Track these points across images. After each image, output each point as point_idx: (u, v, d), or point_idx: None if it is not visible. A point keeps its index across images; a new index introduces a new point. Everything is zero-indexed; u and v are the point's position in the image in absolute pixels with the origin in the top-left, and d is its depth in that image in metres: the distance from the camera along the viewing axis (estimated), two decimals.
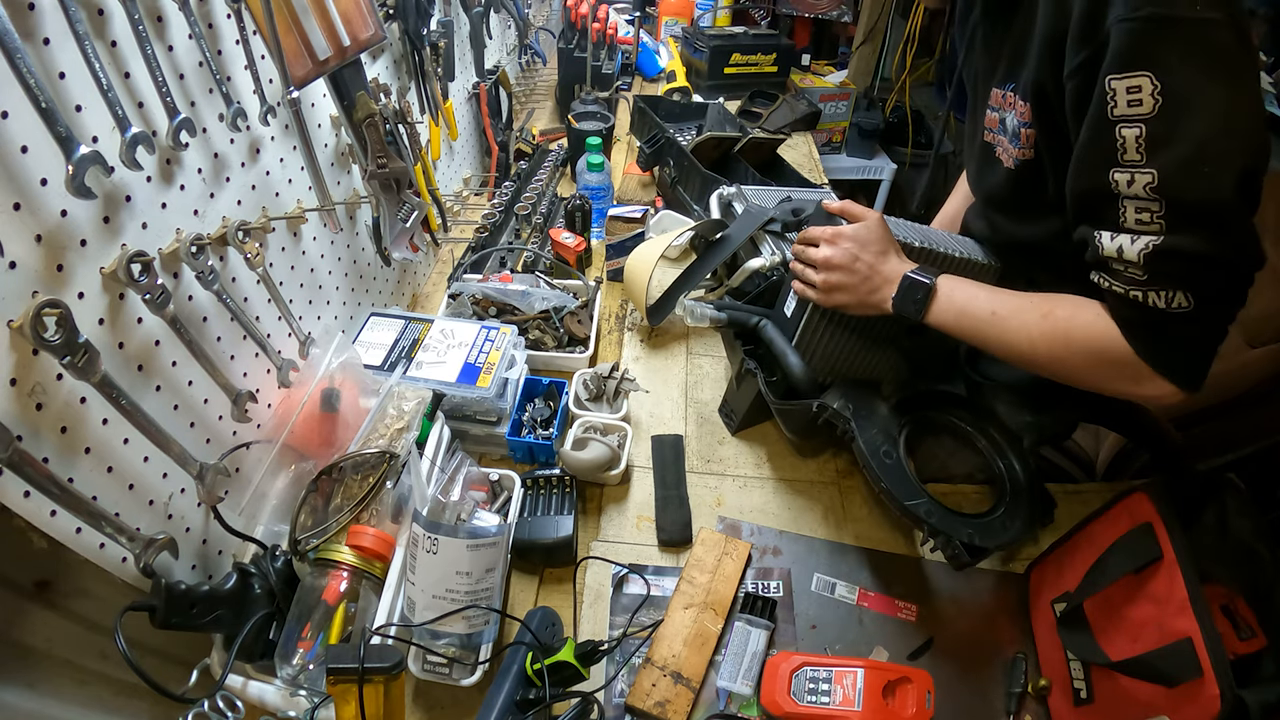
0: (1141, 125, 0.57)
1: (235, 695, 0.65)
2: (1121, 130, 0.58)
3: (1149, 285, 0.61)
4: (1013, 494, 0.85)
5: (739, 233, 1.11)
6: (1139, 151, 0.58)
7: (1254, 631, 0.66)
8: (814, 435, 1.00)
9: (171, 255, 0.64)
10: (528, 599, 0.85)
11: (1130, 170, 0.58)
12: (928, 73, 3.24)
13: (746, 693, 0.76)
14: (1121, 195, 0.60)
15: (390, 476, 0.80)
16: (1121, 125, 0.58)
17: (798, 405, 0.92)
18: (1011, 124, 0.76)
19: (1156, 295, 0.61)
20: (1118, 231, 0.62)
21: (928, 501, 0.79)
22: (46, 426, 0.54)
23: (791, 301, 0.93)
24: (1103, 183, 0.61)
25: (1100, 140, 0.60)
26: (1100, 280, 0.66)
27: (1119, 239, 0.62)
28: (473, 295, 1.16)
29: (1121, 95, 0.57)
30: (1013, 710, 0.76)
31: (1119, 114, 0.57)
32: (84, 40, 0.51)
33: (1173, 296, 0.61)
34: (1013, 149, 0.77)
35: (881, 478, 0.80)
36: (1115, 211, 0.61)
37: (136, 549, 0.60)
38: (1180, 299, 0.60)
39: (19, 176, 0.49)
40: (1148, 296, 0.62)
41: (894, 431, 0.87)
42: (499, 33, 1.75)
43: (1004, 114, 0.78)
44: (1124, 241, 0.61)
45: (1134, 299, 0.63)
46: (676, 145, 1.49)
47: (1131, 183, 0.59)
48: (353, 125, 0.89)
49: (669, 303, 1.15)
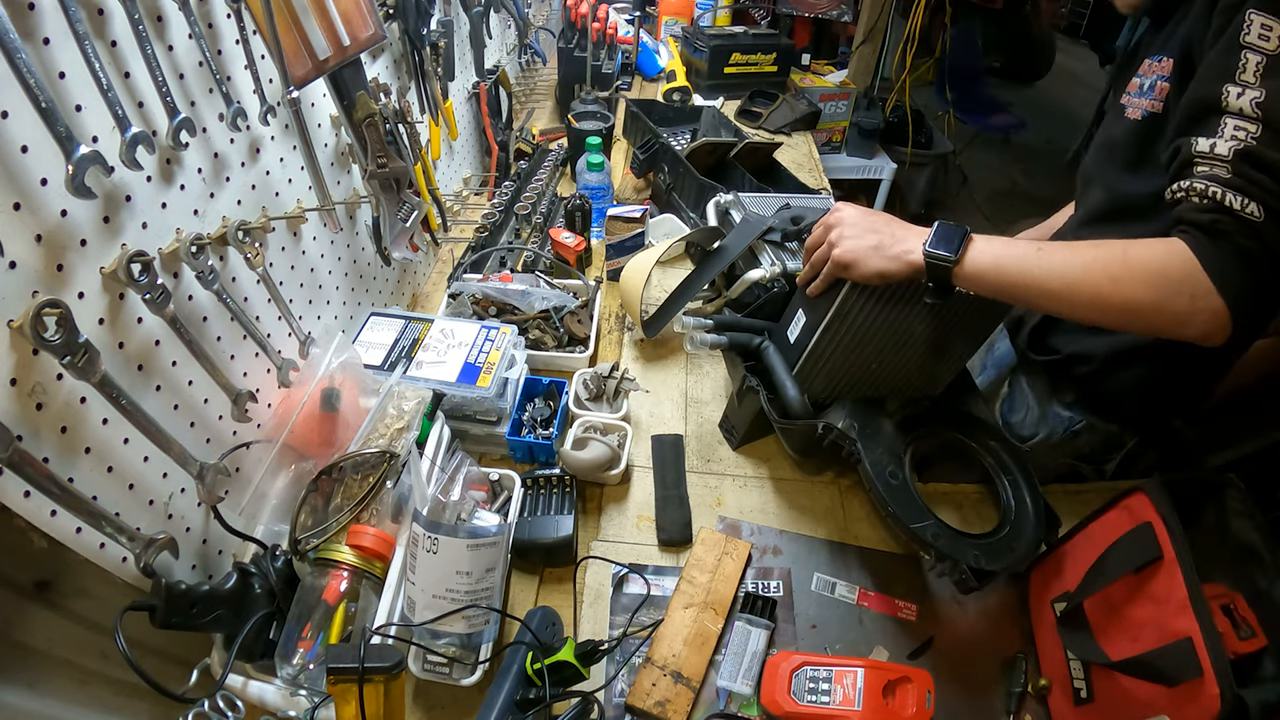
0: (1265, 55, 0.63)
1: (235, 695, 0.65)
2: (1247, 54, 0.63)
3: (1229, 186, 0.63)
4: (1017, 512, 0.84)
5: (736, 243, 1.10)
6: (1255, 74, 0.63)
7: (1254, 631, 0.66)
8: (817, 454, 0.99)
9: (171, 255, 0.64)
10: (528, 599, 0.85)
11: (1243, 87, 0.63)
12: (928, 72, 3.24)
13: (746, 692, 0.76)
14: (1227, 109, 0.64)
15: (390, 476, 0.80)
16: (1248, 50, 0.63)
17: (801, 424, 0.90)
18: (1149, 82, 0.82)
19: (1234, 197, 0.63)
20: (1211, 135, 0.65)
21: (934, 524, 0.79)
22: (47, 426, 0.54)
23: (796, 327, 0.91)
24: (1215, 93, 0.65)
25: (1226, 57, 0.65)
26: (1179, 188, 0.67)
27: (1211, 139, 0.65)
28: (473, 295, 1.16)
29: (1256, 27, 0.63)
30: (1013, 710, 0.76)
31: (1249, 40, 0.63)
32: (84, 40, 0.51)
33: (1248, 203, 0.62)
34: (1143, 102, 0.82)
35: (888, 500, 0.79)
36: (1216, 123, 0.65)
37: (136, 549, 0.61)
38: (1254, 209, 0.62)
39: (19, 176, 0.49)
40: (1225, 196, 0.63)
41: (899, 450, 0.86)
42: (499, 32, 1.75)
43: (1145, 79, 0.83)
44: (1217, 141, 0.65)
45: (1212, 195, 0.64)
46: (671, 151, 1.48)
47: (1241, 95, 0.63)
48: (353, 125, 0.89)
49: (665, 316, 1.15)
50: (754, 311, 1.06)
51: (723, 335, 0.99)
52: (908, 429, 0.90)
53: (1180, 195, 0.67)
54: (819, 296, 0.85)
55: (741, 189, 1.33)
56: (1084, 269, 0.69)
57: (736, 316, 1.06)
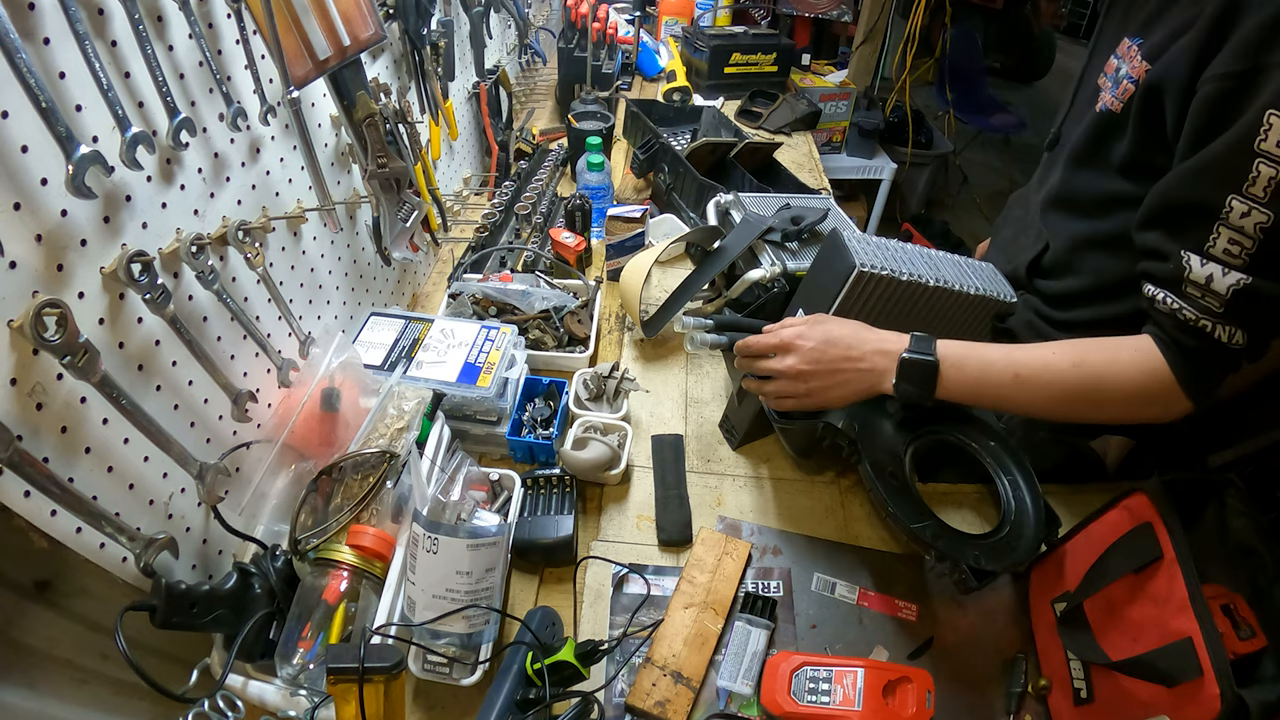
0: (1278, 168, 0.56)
1: (235, 695, 0.65)
2: (1260, 165, 0.56)
3: (1221, 319, 0.61)
4: (1017, 511, 0.84)
5: (736, 243, 1.10)
6: (1266, 191, 0.56)
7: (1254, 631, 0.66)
8: (817, 454, 0.99)
9: (171, 255, 0.64)
10: (528, 599, 0.85)
11: (1250, 203, 0.57)
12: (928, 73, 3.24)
13: (746, 692, 0.76)
14: (1226, 221, 0.59)
15: (390, 476, 0.80)
16: (1262, 160, 0.56)
17: (801, 424, 0.90)
18: (1121, 74, 0.75)
19: (1223, 329, 0.62)
20: (1205, 257, 0.61)
21: (934, 524, 0.79)
22: (47, 426, 0.54)
23: None
24: (1214, 202, 0.59)
25: (1232, 162, 0.58)
26: (1166, 300, 0.65)
27: (1209, 267, 0.61)
28: (473, 295, 1.16)
29: (1275, 134, 0.55)
30: (1013, 710, 0.76)
31: (1265, 148, 0.56)
32: (84, 40, 0.51)
33: (1235, 333, 0.61)
34: (1108, 97, 0.76)
35: (889, 500, 0.79)
36: (1207, 232, 0.60)
37: (137, 549, 0.61)
38: (1240, 337, 0.61)
39: (19, 176, 0.49)
40: (1215, 329, 0.62)
41: (899, 450, 0.86)
42: (499, 32, 1.75)
43: (1122, 63, 0.76)
44: (1214, 271, 0.60)
45: (1201, 328, 0.62)
46: (671, 151, 1.47)
47: (1245, 215, 0.58)
48: (353, 125, 0.89)
49: (665, 316, 1.15)
50: (754, 311, 1.06)
51: (723, 335, 0.99)
52: (908, 429, 0.89)
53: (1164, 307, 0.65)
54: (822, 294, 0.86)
55: (741, 189, 1.33)
56: (1064, 399, 0.70)
57: (736, 316, 1.06)
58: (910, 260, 0.85)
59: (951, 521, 0.81)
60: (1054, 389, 0.70)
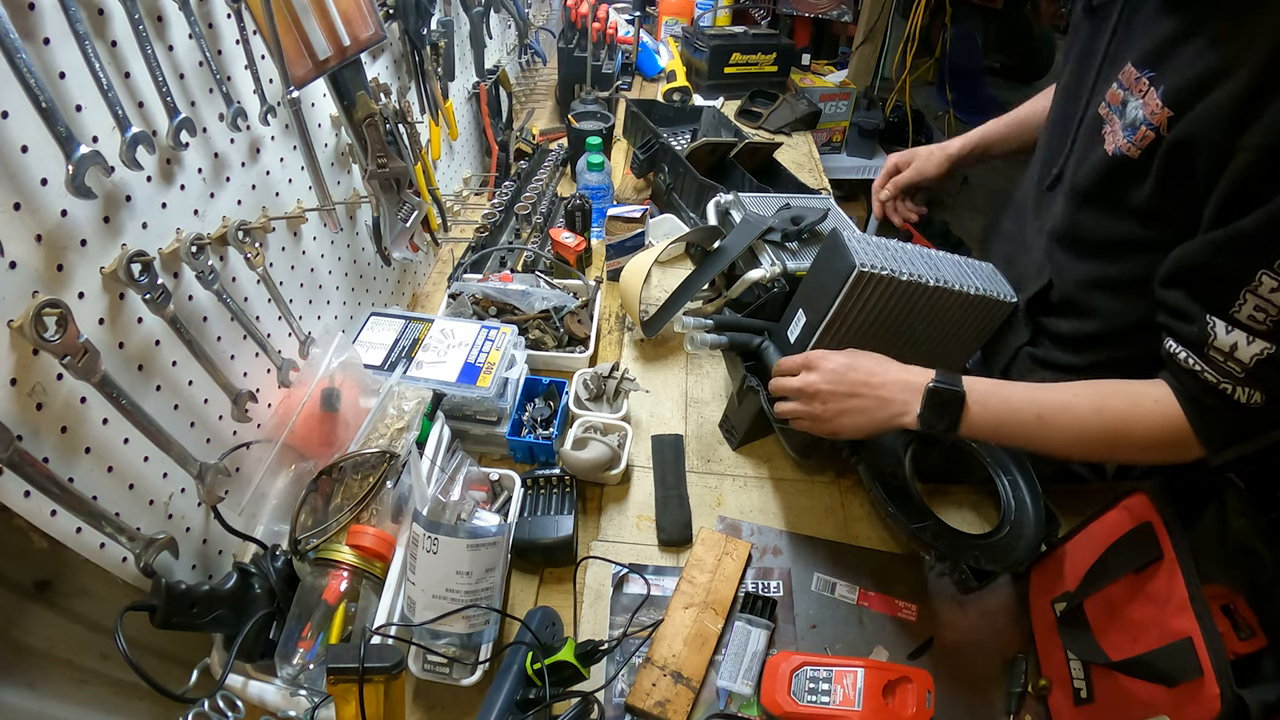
0: None
1: (235, 695, 0.65)
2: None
3: (1241, 383, 0.62)
4: (1017, 511, 0.84)
5: (736, 243, 1.10)
6: None
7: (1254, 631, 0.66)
8: (817, 454, 0.99)
9: (171, 255, 0.64)
10: (528, 599, 0.85)
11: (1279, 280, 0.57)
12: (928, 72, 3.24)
13: (746, 692, 0.76)
14: (1257, 292, 0.59)
15: (390, 476, 0.80)
16: None
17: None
18: (1135, 114, 0.68)
19: (1242, 391, 0.62)
20: (1230, 323, 0.61)
21: (934, 524, 0.79)
22: (47, 426, 0.54)
23: (797, 327, 0.91)
24: (1243, 274, 0.59)
25: (1265, 238, 0.57)
26: (1188, 359, 0.65)
27: (1234, 334, 0.61)
28: (473, 295, 1.16)
29: None
30: (1013, 710, 0.76)
31: None
32: (84, 40, 0.51)
33: (1253, 395, 0.62)
34: (1121, 139, 0.70)
35: (889, 501, 0.79)
36: (1233, 299, 0.60)
37: (137, 549, 0.61)
38: (1258, 398, 0.62)
39: (19, 176, 0.49)
40: (1235, 391, 0.62)
41: (899, 451, 0.86)
42: (499, 32, 1.75)
43: (1129, 97, 0.70)
44: (1239, 339, 0.61)
45: (1222, 390, 0.63)
46: (671, 151, 1.47)
47: (1276, 290, 0.57)
48: (353, 125, 0.89)
49: (665, 316, 1.15)
50: (754, 311, 1.06)
51: (723, 335, 0.99)
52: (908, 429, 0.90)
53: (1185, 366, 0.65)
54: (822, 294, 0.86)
55: (741, 189, 1.33)
56: (1084, 441, 0.71)
57: (736, 316, 1.06)
58: (910, 260, 0.84)
59: (951, 522, 0.81)
60: (1074, 432, 0.70)
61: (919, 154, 1.11)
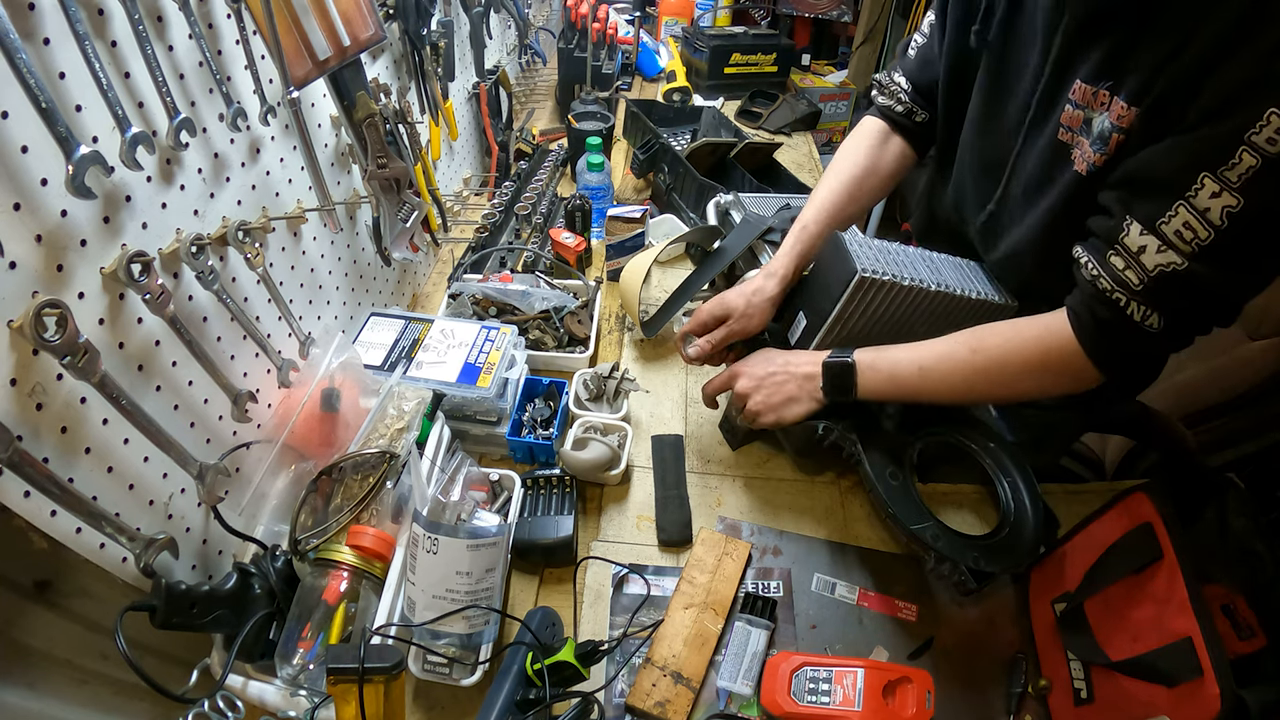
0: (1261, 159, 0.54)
1: (235, 695, 0.65)
2: (1244, 153, 0.55)
3: (1139, 298, 0.61)
4: (1016, 513, 0.84)
5: (735, 244, 1.10)
6: (1241, 177, 0.55)
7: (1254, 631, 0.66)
8: (817, 454, 0.99)
9: (171, 255, 0.64)
10: (528, 599, 0.85)
11: (1222, 186, 0.56)
12: None
13: (746, 693, 0.76)
14: (1191, 202, 0.57)
15: (390, 476, 0.80)
16: (1246, 150, 0.55)
17: (801, 425, 0.89)
18: (1101, 127, 0.67)
19: (1137, 308, 0.61)
20: (1149, 229, 0.60)
21: (934, 525, 0.79)
22: (46, 426, 0.54)
23: (798, 329, 0.91)
24: (1185, 177, 0.57)
25: (1217, 144, 0.56)
26: (1088, 264, 0.65)
27: (1146, 238, 0.60)
28: (473, 295, 1.16)
29: (1269, 130, 0.53)
30: (1013, 710, 0.76)
31: (1255, 139, 0.54)
32: (84, 40, 0.51)
33: (1150, 314, 0.61)
34: (1093, 154, 0.68)
35: (889, 502, 0.79)
36: (1165, 208, 0.59)
37: (137, 549, 0.61)
38: (1154, 320, 0.61)
39: (19, 176, 0.49)
40: (1129, 305, 0.61)
41: (899, 451, 0.86)
42: (499, 33, 1.75)
43: (1093, 115, 0.68)
44: (1149, 243, 0.59)
45: (1115, 300, 0.62)
46: (671, 151, 1.47)
47: (1214, 196, 0.56)
48: (353, 125, 0.89)
49: (665, 316, 1.15)
50: None
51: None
52: (908, 430, 0.89)
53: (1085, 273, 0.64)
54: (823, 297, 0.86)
55: (742, 189, 1.33)
56: (968, 385, 0.75)
57: None
58: (911, 264, 0.84)
59: (951, 522, 0.81)
60: (957, 376, 0.75)
61: (732, 307, 0.92)
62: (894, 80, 0.97)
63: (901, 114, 0.97)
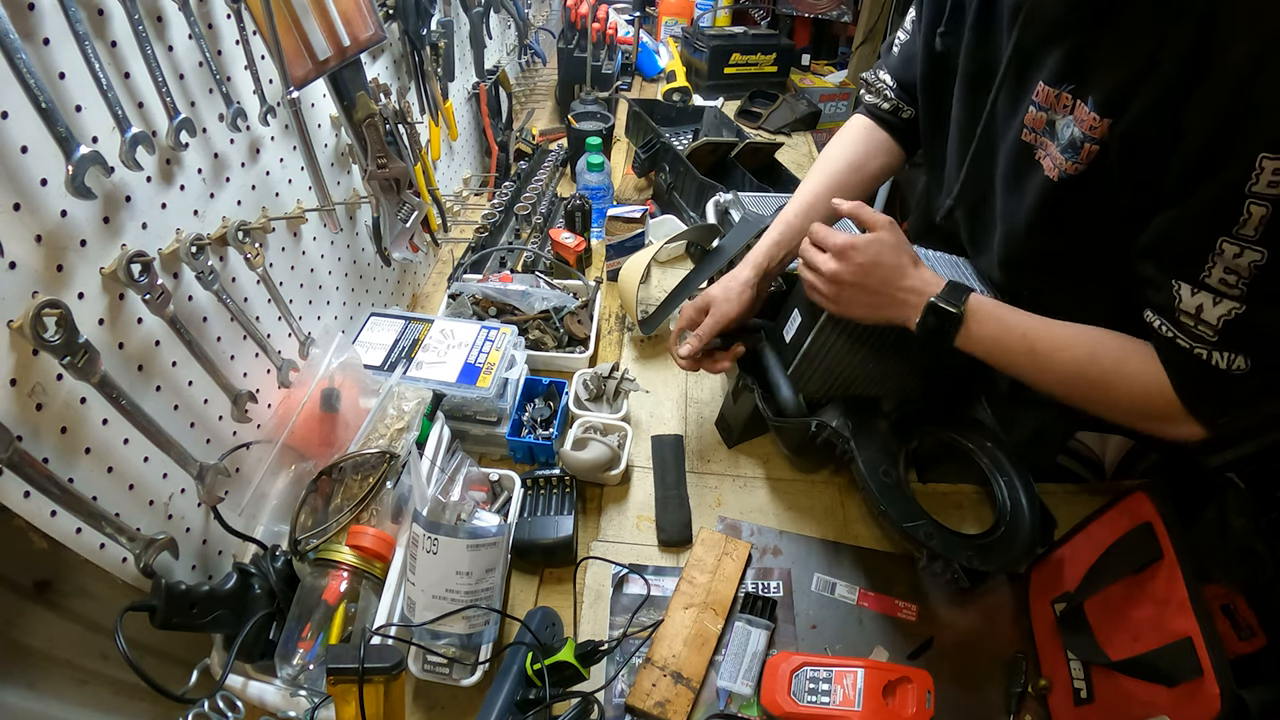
0: (1269, 206, 0.55)
1: (235, 695, 0.65)
2: (1251, 206, 0.56)
3: (1217, 347, 0.61)
4: (1013, 513, 0.84)
5: (734, 242, 1.10)
6: (1257, 229, 0.56)
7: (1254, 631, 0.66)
8: (812, 452, 0.99)
9: (171, 255, 0.64)
10: (528, 599, 0.85)
11: (1241, 244, 0.57)
12: None
13: (746, 693, 0.76)
14: (1220, 259, 0.59)
15: (390, 476, 0.80)
16: (1253, 201, 0.56)
17: (795, 422, 0.90)
18: (1070, 134, 0.67)
19: (1220, 356, 0.61)
20: (1198, 287, 0.61)
21: (927, 523, 0.78)
22: (46, 427, 0.54)
23: (793, 326, 0.91)
24: (1204, 244, 0.59)
25: (1224, 208, 0.57)
26: (1161, 327, 0.65)
27: (1199, 296, 0.61)
28: (473, 295, 1.16)
29: (1267, 175, 0.54)
30: (1013, 710, 0.76)
31: (1256, 190, 0.55)
32: (84, 40, 0.51)
33: (1234, 359, 0.61)
34: (1063, 160, 0.68)
35: (881, 499, 0.79)
36: (1201, 267, 0.60)
37: (136, 549, 0.61)
38: (1240, 363, 0.61)
39: (19, 176, 0.49)
40: (1211, 356, 0.62)
41: (894, 449, 0.85)
42: (499, 33, 1.75)
43: (1055, 117, 0.69)
44: (1205, 301, 0.60)
45: (1197, 356, 0.63)
46: (672, 150, 1.48)
47: (1238, 256, 0.57)
48: (353, 125, 0.89)
49: (663, 314, 1.15)
50: None
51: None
52: (903, 428, 0.90)
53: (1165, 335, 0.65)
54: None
55: (742, 189, 1.33)
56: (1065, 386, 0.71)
57: None
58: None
59: (947, 522, 0.81)
60: (1063, 370, 0.71)
61: (712, 297, 0.93)
62: (880, 78, 0.97)
63: (888, 111, 0.97)
